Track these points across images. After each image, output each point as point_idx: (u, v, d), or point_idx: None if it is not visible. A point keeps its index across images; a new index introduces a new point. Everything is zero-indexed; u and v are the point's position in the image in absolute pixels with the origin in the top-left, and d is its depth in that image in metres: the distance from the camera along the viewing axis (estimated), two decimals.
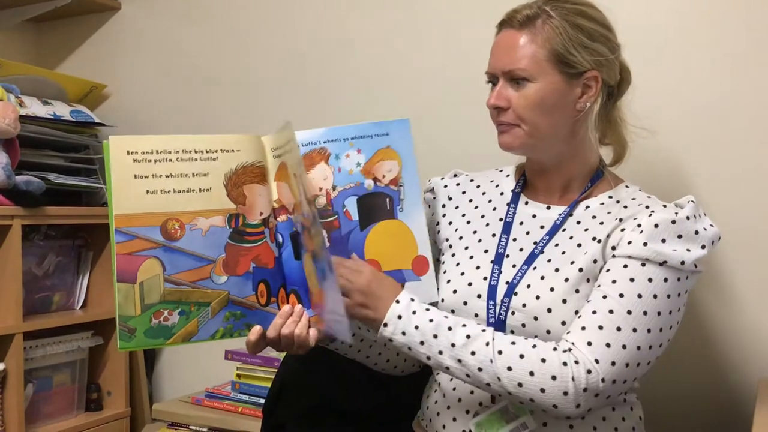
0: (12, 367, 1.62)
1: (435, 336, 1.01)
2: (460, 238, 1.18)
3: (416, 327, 1.01)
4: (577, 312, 1.03)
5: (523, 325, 1.06)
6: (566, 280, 1.05)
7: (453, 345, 1.00)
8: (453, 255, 1.17)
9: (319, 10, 1.79)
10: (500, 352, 0.99)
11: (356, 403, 1.19)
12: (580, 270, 1.05)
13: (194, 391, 1.73)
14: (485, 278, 1.10)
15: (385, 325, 1.02)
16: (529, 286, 1.07)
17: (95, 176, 1.88)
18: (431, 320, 1.02)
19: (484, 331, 1.01)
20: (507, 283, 1.08)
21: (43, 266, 1.79)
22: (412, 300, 1.04)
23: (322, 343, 1.08)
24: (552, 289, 1.05)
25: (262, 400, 1.27)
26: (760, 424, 1.02)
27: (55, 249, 1.82)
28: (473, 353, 0.99)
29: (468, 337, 1.00)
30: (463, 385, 1.10)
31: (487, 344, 0.99)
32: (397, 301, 1.03)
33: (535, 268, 1.08)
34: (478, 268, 1.12)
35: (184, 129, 1.96)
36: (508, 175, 1.23)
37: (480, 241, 1.16)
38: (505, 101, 1.08)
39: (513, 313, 1.06)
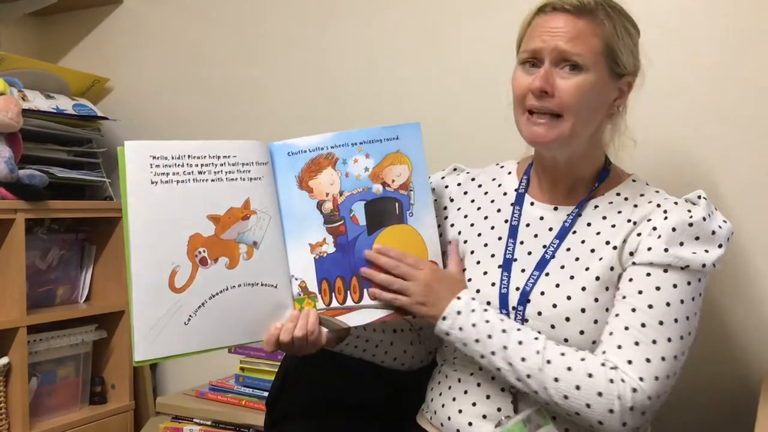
0: (16, 361, 1.63)
1: (489, 336, 1.01)
2: (465, 242, 1.16)
3: (473, 325, 1.02)
4: (596, 321, 1.03)
5: (539, 333, 1.05)
6: (583, 288, 1.04)
7: (505, 347, 1.00)
8: (461, 260, 1.15)
9: (329, 8, 1.78)
10: (549, 362, 0.99)
11: (359, 395, 1.19)
12: (597, 278, 1.04)
13: (198, 385, 1.73)
14: (493, 284, 1.09)
15: (444, 318, 1.03)
16: (543, 293, 1.05)
17: (98, 170, 1.88)
18: (488, 321, 1.02)
19: (536, 338, 1.01)
20: (517, 289, 1.07)
21: (46, 260, 1.79)
22: (473, 298, 1.05)
23: (328, 346, 1.09)
24: (569, 298, 1.04)
25: (266, 394, 1.27)
26: (764, 418, 1.01)
27: (59, 242, 1.82)
28: (523, 359, 0.99)
29: (520, 343, 1.00)
30: (469, 377, 1.10)
31: (538, 352, 0.99)
32: (458, 298, 1.04)
33: (547, 274, 1.06)
34: (485, 273, 1.11)
35: (187, 122, 1.96)
36: (510, 173, 1.20)
37: (486, 245, 1.14)
38: (551, 87, 1.02)
39: (527, 320, 1.05)
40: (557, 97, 1.03)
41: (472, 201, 1.20)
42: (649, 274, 1.01)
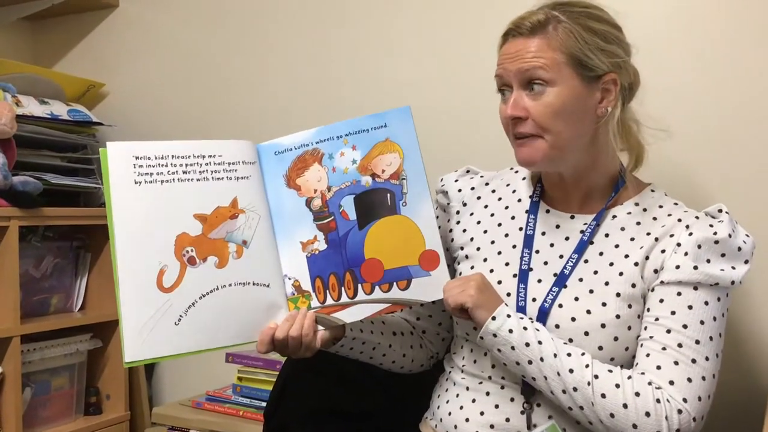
0: (10, 371, 1.64)
1: (540, 342, 1.01)
2: (478, 249, 1.16)
3: (525, 328, 1.02)
4: (616, 338, 1.04)
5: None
6: (603, 304, 1.05)
7: (555, 355, 1.01)
8: (472, 267, 1.15)
9: (324, 9, 1.80)
10: (596, 377, 0.99)
11: (360, 404, 1.20)
12: (618, 294, 1.05)
13: (195, 395, 1.74)
14: (509, 294, 1.10)
15: (493, 318, 1.03)
16: (561, 306, 1.06)
17: (93, 176, 1.89)
18: (538, 330, 1.03)
19: (583, 354, 1.02)
20: (534, 300, 1.08)
21: (40, 268, 1.80)
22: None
23: (324, 347, 1.10)
24: (589, 312, 1.05)
25: (264, 404, 1.27)
26: None
27: (53, 250, 1.83)
28: (572, 371, 1.00)
29: (569, 354, 1.01)
30: (478, 385, 1.11)
31: (587, 366, 1.00)
32: (506, 304, 1.05)
33: (566, 286, 1.07)
34: (500, 282, 1.11)
35: (184, 128, 1.97)
36: (524, 178, 1.20)
37: (500, 253, 1.14)
38: (523, 111, 1.05)
39: None
40: (531, 119, 1.05)
41: (486, 206, 1.21)
42: (679, 294, 1.02)
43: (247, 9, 1.89)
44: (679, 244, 1.04)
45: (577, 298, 1.06)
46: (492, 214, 1.19)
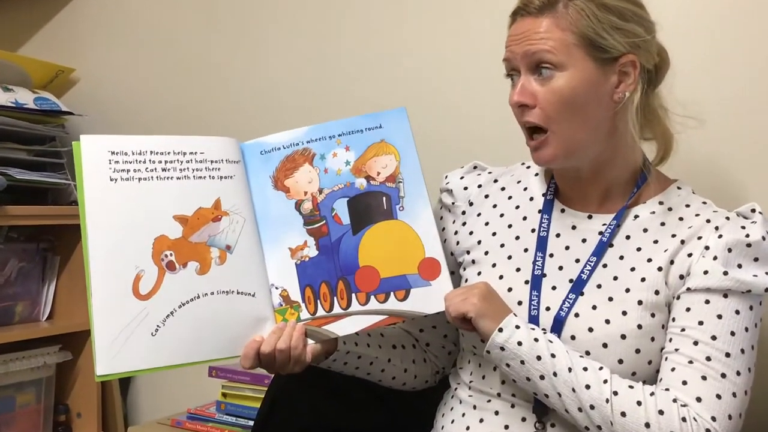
0: None
1: (553, 355, 1.00)
2: (486, 253, 1.15)
3: (536, 339, 1.01)
4: (638, 351, 1.03)
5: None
6: (624, 313, 1.04)
7: (570, 369, 0.99)
8: (479, 273, 1.14)
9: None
10: (616, 393, 0.98)
11: (356, 421, 1.20)
12: (640, 302, 1.04)
13: (174, 412, 1.74)
14: (520, 303, 1.09)
15: (500, 330, 1.02)
16: (577, 315, 1.05)
17: (62, 171, 1.89)
18: (551, 341, 1.02)
19: (601, 368, 1.00)
20: (548, 309, 1.07)
21: (4, 273, 1.80)
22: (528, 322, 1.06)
23: (315, 362, 1.09)
24: (607, 321, 1.04)
25: (251, 422, 1.28)
26: None
27: (18, 253, 1.83)
28: (588, 387, 0.99)
29: (585, 369, 1.00)
30: (486, 404, 1.10)
31: (605, 381, 0.99)
32: (515, 314, 1.04)
33: (582, 293, 1.07)
34: (510, 290, 1.10)
35: (162, 118, 1.97)
36: (536, 174, 1.20)
37: (510, 257, 1.13)
38: (531, 97, 1.04)
39: None
40: (539, 108, 1.04)
41: (494, 206, 1.19)
42: (708, 302, 1.01)
43: None
44: (707, 248, 1.03)
45: (594, 307, 1.05)
46: (501, 215, 1.18)
